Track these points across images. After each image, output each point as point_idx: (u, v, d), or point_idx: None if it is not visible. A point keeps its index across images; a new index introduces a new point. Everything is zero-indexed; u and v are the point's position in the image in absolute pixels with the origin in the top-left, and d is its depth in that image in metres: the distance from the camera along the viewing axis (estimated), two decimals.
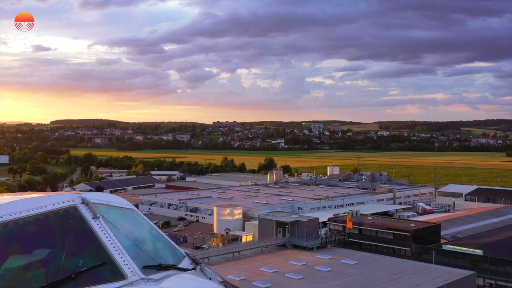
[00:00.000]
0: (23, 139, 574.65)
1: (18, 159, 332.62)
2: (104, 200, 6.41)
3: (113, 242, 5.89)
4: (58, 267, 5.59)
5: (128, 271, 5.69)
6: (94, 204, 6.28)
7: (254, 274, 71.85)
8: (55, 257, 5.73)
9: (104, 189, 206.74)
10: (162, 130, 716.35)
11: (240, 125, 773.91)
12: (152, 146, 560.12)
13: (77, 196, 6.35)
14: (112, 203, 6.48)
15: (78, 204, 6.22)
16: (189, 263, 6.47)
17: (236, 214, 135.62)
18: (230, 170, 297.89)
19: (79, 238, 5.93)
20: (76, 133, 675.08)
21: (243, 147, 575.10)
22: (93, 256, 5.82)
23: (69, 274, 5.48)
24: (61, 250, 5.78)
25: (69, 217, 6.07)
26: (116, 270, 5.70)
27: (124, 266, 5.67)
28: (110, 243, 5.86)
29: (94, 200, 6.35)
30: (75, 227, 5.99)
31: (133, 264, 5.76)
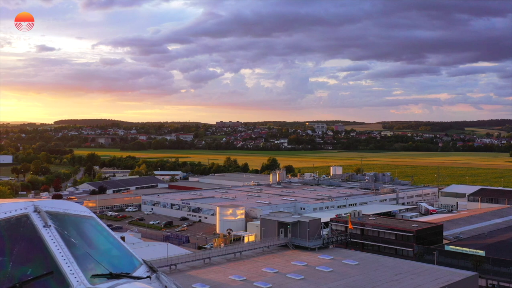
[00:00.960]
0: (27, 139, 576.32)
1: (22, 159, 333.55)
2: (60, 208, 6.37)
3: (62, 251, 5.85)
4: (5, 276, 5.56)
5: (74, 280, 5.64)
6: (47, 212, 6.25)
7: (256, 275, 71.73)
8: (2, 266, 5.69)
9: (107, 189, 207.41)
10: (165, 130, 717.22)
11: (244, 125, 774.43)
12: (155, 146, 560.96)
13: (30, 204, 6.33)
14: (69, 210, 6.44)
15: (30, 213, 6.20)
16: (145, 271, 6.42)
17: (239, 214, 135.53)
18: (233, 170, 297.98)
19: (29, 247, 5.91)
20: (79, 133, 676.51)
21: (246, 147, 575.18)
22: (41, 265, 5.78)
23: (14, 283, 5.45)
24: (9, 259, 5.74)
25: (20, 226, 6.04)
26: (62, 279, 5.66)
27: (71, 275, 5.63)
28: (58, 252, 5.83)
29: (47, 208, 6.32)
30: (25, 236, 5.97)
31: (80, 274, 5.71)
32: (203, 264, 77.25)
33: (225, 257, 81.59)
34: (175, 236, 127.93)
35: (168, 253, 79.72)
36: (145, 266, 6.57)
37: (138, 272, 6.24)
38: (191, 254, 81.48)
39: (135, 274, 6.11)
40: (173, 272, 72.65)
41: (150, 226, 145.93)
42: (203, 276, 70.58)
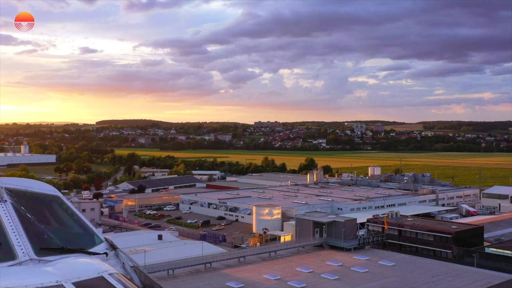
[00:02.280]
0: (70, 139, 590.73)
1: (65, 159, 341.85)
2: (22, 186, 6.60)
3: (13, 225, 6.07)
4: None
5: (20, 252, 5.85)
6: (6, 188, 6.45)
7: (290, 274, 71.60)
8: None
9: (146, 188, 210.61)
10: (204, 130, 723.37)
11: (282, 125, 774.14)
12: (194, 146, 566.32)
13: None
14: (31, 188, 6.66)
15: None
16: (104, 248, 6.59)
17: (275, 214, 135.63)
18: (271, 170, 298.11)
19: None
20: (120, 133, 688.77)
21: (284, 147, 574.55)
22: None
23: None
24: None
25: None
26: (9, 250, 5.87)
27: (17, 247, 5.85)
28: (10, 226, 6.04)
29: (7, 185, 6.51)
30: None
31: (27, 246, 5.92)
32: (237, 262, 77.55)
33: (260, 256, 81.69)
34: (212, 235, 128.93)
35: (204, 251, 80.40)
36: (105, 244, 6.78)
37: (95, 249, 6.42)
38: (226, 253, 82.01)
39: (92, 250, 6.27)
40: (208, 270, 73.21)
41: (188, 225, 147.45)
42: (238, 275, 70.86)
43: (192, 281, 68.70)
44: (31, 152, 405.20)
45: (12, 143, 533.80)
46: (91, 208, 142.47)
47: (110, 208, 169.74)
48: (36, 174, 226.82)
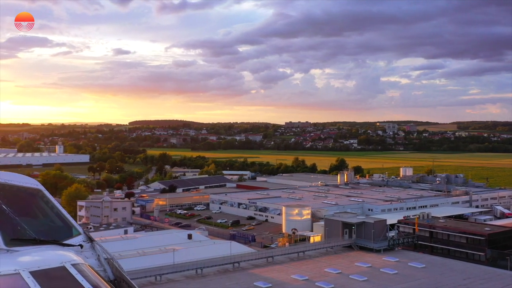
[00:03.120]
0: (103, 139, 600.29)
1: (98, 158, 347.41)
2: (1, 179, 6.68)
3: None
4: None
5: None
6: None
7: (318, 275, 71.34)
8: None
9: (177, 188, 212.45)
10: (235, 131, 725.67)
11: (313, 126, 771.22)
12: (225, 146, 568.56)
13: None
14: (11, 181, 6.77)
15: None
16: (81, 240, 6.66)
17: (305, 215, 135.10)
18: (301, 171, 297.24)
19: None
20: (152, 133, 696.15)
21: (315, 148, 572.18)
22: None
23: None
24: None
25: None
26: None
27: None
28: None
29: None
30: None
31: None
32: (266, 262, 77.63)
33: (288, 256, 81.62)
34: (242, 235, 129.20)
35: (232, 251, 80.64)
36: (82, 237, 6.85)
37: (71, 241, 6.50)
38: (254, 253, 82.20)
39: (67, 242, 6.35)
40: (236, 270, 73.48)
41: (218, 224, 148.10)
42: (266, 275, 70.94)
43: (220, 280, 69.08)
44: (65, 152, 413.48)
45: (47, 143, 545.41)
46: (123, 207, 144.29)
47: (141, 208, 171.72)
48: (70, 173, 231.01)
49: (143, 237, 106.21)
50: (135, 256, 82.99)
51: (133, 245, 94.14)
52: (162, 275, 69.35)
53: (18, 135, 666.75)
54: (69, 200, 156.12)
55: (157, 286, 66.62)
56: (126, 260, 79.43)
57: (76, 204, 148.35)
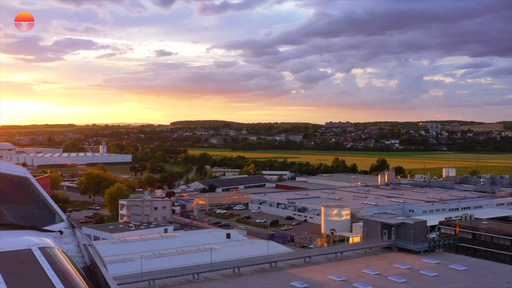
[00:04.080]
0: (145, 139, 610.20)
1: (140, 158, 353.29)
2: None
3: None
4: None
5: None
6: None
7: (356, 276, 70.71)
8: None
9: (217, 188, 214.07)
10: (275, 131, 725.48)
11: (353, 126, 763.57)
12: (265, 146, 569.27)
13: None
14: None
15: None
16: (62, 226, 6.77)
17: (344, 215, 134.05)
18: (341, 171, 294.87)
19: None
20: (193, 133, 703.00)
21: (356, 148, 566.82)
22: None
23: None
24: None
25: None
26: None
27: None
28: None
29: None
30: None
31: None
32: (303, 262, 77.42)
33: (326, 256, 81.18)
34: (280, 235, 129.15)
35: (269, 250, 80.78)
36: (65, 223, 6.96)
37: (52, 227, 6.61)
38: (292, 253, 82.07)
39: (47, 228, 6.46)
40: (273, 270, 73.52)
41: (256, 224, 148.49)
42: (302, 275, 70.74)
43: (257, 279, 69.26)
44: (108, 152, 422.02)
45: (91, 143, 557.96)
46: (163, 206, 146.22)
47: (181, 207, 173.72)
48: (112, 173, 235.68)
49: (182, 236, 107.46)
50: (173, 255, 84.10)
51: (172, 244, 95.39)
52: (199, 273, 70.02)
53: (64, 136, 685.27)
54: (111, 199, 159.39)
55: (194, 284, 67.29)
56: (165, 259, 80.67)
57: (117, 203, 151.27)
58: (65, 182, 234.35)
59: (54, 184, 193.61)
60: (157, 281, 67.56)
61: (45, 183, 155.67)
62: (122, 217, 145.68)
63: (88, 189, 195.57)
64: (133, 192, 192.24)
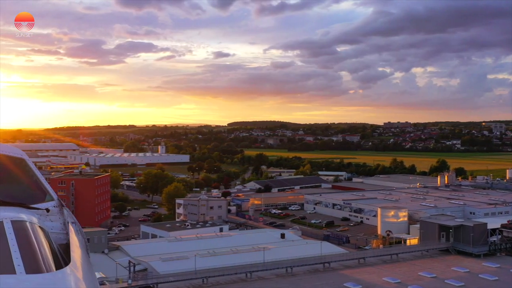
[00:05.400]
0: (203, 140, 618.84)
1: (197, 158, 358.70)
2: None
3: None
4: None
5: None
6: None
7: (411, 278, 69.24)
8: None
9: (272, 188, 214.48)
10: (332, 131, 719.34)
11: (413, 126, 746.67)
12: (321, 146, 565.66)
13: None
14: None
15: None
16: (51, 205, 6.89)
17: (401, 217, 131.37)
18: (399, 172, 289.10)
19: None
20: (250, 134, 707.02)
21: (415, 149, 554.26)
22: None
23: None
24: None
25: None
26: None
27: None
28: None
29: None
30: None
31: None
32: (357, 264, 76.52)
33: (381, 258, 79.89)
34: (335, 236, 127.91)
35: (323, 251, 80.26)
36: (54, 202, 7.10)
37: (40, 205, 6.75)
38: (346, 253, 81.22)
39: (35, 206, 6.59)
40: (326, 270, 73.01)
41: (311, 225, 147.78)
42: (356, 276, 69.91)
43: (310, 279, 68.98)
44: (167, 152, 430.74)
45: (151, 144, 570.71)
46: (219, 206, 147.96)
47: (237, 207, 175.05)
48: (170, 173, 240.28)
49: (237, 235, 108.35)
50: (227, 254, 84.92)
51: (226, 243, 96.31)
52: (252, 272, 70.44)
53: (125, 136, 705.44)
54: (169, 198, 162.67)
55: (247, 283, 67.75)
56: (219, 257, 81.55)
57: (175, 202, 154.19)
58: (125, 182, 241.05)
59: (114, 183, 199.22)
60: (210, 279, 68.45)
61: (105, 182, 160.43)
62: (179, 216, 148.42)
63: (147, 188, 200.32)
64: (190, 192, 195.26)
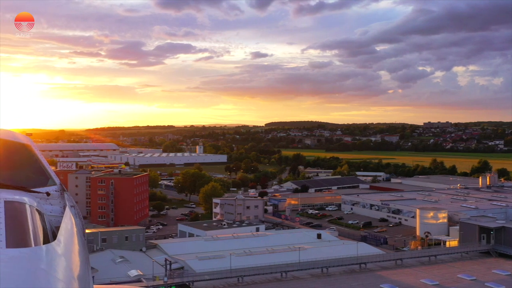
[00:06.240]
0: (240, 140, 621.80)
1: (235, 158, 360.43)
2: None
3: None
4: None
5: None
6: None
7: (450, 280, 67.92)
8: None
9: (309, 188, 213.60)
10: (370, 131, 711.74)
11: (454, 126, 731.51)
12: (359, 147, 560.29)
13: None
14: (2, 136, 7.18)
15: None
16: (52, 190, 6.96)
17: (440, 218, 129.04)
18: (439, 173, 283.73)
19: None
20: (287, 134, 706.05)
21: (456, 149, 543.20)
22: None
23: None
24: None
25: None
26: None
27: None
28: None
29: None
30: None
31: None
32: (394, 265, 75.50)
33: (419, 260, 78.62)
34: (373, 237, 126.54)
35: (359, 252, 79.48)
36: (56, 187, 7.18)
37: (40, 189, 6.83)
38: (382, 254, 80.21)
39: (37, 190, 6.68)
40: (363, 271, 72.28)
41: (349, 225, 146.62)
42: (393, 277, 68.98)
43: (346, 280, 68.44)
44: (205, 152, 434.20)
45: (189, 144, 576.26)
46: (255, 205, 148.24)
47: (274, 206, 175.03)
48: (208, 172, 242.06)
49: (273, 235, 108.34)
50: (263, 253, 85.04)
51: (262, 242, 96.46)
52: (287, 272, 70.34)
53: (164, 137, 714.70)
54: (206, 197, 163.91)
55: (282, 282, 67.70)
56: (255, 256, 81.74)
57: (212, 201, 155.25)
58: (163, 181, 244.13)
59: (153, 183, 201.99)
60: (245, 278, 68.64)
61: (144, 181, 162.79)
62: (215, 215, 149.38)
63: (185, 188, 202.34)
64: (227, 192, 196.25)
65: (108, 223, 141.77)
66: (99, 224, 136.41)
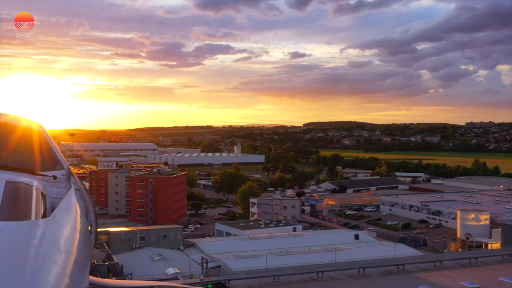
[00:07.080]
0: (278, 140, 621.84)
1: (272, 158, 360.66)
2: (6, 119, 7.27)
3: None
4: None
5: None
6: None
7: (491, 283, 66.37)
8: None
9: (347, 188, 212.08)
10: (410, 132, 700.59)
11: (497, 126, 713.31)
12: (399, 147, 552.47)
13: None
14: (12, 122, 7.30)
15: None
16: (60, 173, 7.09)
17: (482, 220, 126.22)
18: (481, 174, 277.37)
19: None
20: (326, 134, 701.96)
21: (499, 149, 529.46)
22: None
23: None
24: None
25: None
26: None
27: None
28: None
29: None
30: None
31: None
32: (433, 267, 74.23)
33: (459, 262, 77.07)
34: (412, 238, 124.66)
35: (397, 253, 78.47)
36: (64, 171, 7.31)
37: (48, 172, 6.96)
38: (421, 256, 78.98)
39: (43, 173, 6.81)
40: (400, 272, 71.34)
41: (387, 226, 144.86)
42: (431, 279, 67.83)
43: (383, 281, 67.71)
44: (243, 152, 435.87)
45: (227, 144, 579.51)
46: (292, 205, 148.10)
47: (311, 207, 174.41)
48: (245, 172, 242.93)
49: (310, 235, 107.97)
50: (300, 253, 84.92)
51: (299, 243, 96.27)
52: (324, 272, 70.02)
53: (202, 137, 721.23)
54: (243, 197, 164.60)
55: (318, 282, 67.45)
56: (291, 256, 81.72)
57: (249, 201, 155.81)
58: (201, 181, 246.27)
59: (191, 182, 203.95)
60: (281, 278, 68.67)
61: (182, 180, 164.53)
62: (253, 215, 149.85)
63: (222, 187, 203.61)
64: (265, 191, 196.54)
65: (147, 222, 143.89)
66: (138, 222, 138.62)
